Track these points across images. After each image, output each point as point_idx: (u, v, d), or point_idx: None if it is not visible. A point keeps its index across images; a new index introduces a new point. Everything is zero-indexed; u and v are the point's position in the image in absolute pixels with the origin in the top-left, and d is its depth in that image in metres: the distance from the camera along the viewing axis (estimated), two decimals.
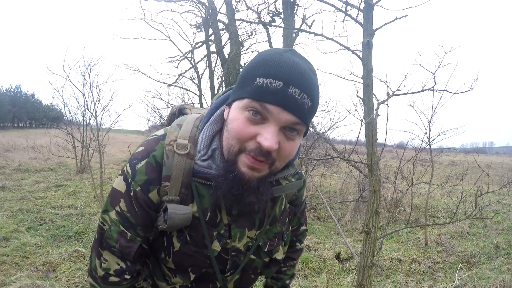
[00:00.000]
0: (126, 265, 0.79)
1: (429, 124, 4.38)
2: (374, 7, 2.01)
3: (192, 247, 0.79)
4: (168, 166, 0.75)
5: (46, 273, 3.12)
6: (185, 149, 0.75)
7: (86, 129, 7.11)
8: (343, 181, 7.67)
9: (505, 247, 4.40)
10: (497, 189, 3.55)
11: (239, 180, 0.69)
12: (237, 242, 0.82)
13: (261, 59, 0.68)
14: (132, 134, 26.65)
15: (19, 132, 29.04)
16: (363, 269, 2.12)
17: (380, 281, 3.48)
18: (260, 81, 0.65)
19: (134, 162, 0.76)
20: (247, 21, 4.97)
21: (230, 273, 0.85)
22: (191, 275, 0.82)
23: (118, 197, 0.77)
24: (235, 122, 0.68)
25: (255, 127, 0.67)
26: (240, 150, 0.69)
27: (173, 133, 0.78)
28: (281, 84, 0.64)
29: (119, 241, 0.77)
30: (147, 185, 0.75)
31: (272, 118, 0.65)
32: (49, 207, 5.31)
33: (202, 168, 0.75)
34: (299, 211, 1.01)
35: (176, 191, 0.75)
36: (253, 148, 0.67)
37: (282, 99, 0.64)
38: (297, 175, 0.87)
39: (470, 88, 2.13)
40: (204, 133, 0.78)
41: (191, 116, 0.84)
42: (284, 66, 0.65)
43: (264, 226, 0.85)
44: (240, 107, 0.68)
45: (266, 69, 0.65)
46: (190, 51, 6.96)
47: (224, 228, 0.80)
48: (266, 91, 0.64)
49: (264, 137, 0.65)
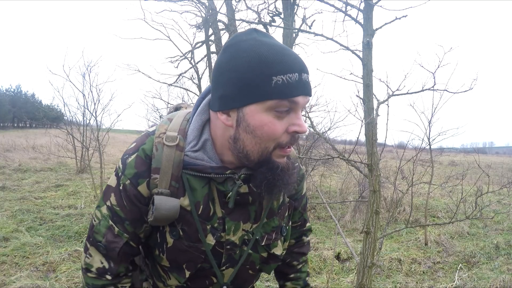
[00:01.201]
0: (109, 265, 0.79)
1: (429, 124, 4.38)
2: (374, 7, 2.01)
3: (185, 242, 0.78)
4: (157, 158, 0.74)
5: (46, 273, 3.13)
6: (174, 140, 0.75)
7: (86, 129, 7.12)
8: (343, 181, 7.67)
9: (505, 247, 4.40)
10: (497, 189, 3.55)
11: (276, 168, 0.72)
12: (232, 235, 0.80)
13: (262, 57, 0.65)
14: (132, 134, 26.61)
15: (19, 132, 29.03)
16: (363, 269, 2.12)
17: (380, 281, 3.48)
18: (279, 79, 0.65)
19: (125, 157, 0.77)
20: (247, 21, 4.97)
21: (226, 267, 0.83)
22: (186, 272, 0.81)
23: (110, 192, 0.78)
24: (266, 127, 0.68)
25: (284, 121, 0.68)
26: (275, 147, 0.70)
27: (163, 126, 0.78)
28: (297, 74, 0.66)
29: (106, 236, 0.77)
30: (136, 178, 0.75)
31: (298, 106, 0.68)
32: (49, 207, 5.31)
33: (193, 159, 0.75)
34: (301, 205, 0.99)
35: (166, 184, 0.74)
36: (288, 140, 0.70)
37: (303, 88, 0.67)
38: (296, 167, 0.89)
39: (470, 88, 2.13)
40: (193, 124, 0.77)
41: (183, 111, 0.84)
42: (288, 56, 0.67)
43: (261, 219, 0.84)
44: (264, 110, 0.66)
45: (278, 65, 0.65)
46: (190, 51, 6.95)
47: (218, 221, 0.79)
48: (290, 87, 0.65)
49: (298, 125, 0.69)
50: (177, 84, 7.58)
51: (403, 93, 2.13)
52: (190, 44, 6.95)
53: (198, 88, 7.05)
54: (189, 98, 8.47)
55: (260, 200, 0.82)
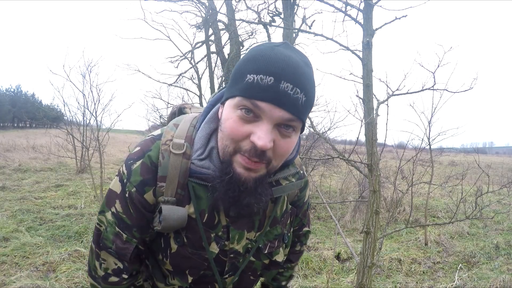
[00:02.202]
0: (123, 265, 0.79)
1: (429, 124, 4.38)
2: (374, 7, 2.01)
3: (189, 249, 0.78)
4: (163, 166, 0.73)
5: (46, 273, 3.12)
6: (181, 148, 0.73)
7: (86, 129, 7.12)
8: (343, 181, 7.67)
9: (505, 247, 4.40)
10: (497, 189, 3.54)
11: (236, 182, 0.67)
12: (236, 244, 0.80)
13: (252, 55, 0.66)
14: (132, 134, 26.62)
15: (19, 132, 29.04)
16: (363, 269, 2.12)
17: (380, 281, 3.48)
18: (250, 77, 0.62)
19: (129, 163, 0.75)
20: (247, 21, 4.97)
21: (228, 275, 0.83)
22: (188, 278, 0.81)
23: (114, 198, 0.76)
24: (228, 122, 0.66)
25: (248, 126, 0.64)
26: (235, 151, 0.67)
27: (169, 133, 0.76)
28: (272, 79, 0.61)
29: (115, 243, 0.77)
30: (142, 186, 0.73)
31: (265, 115, 0.63)
32: (49, 207, 5.31)
33: (199, 168, 0.73)
34: (301, 211, 0.99)
35: (172, 192, 0.73)
36: (248, 148, 0.65)
37: (273, 95, 0.61)
38: (297, 175, 0.85)
39: (470, 87, 2.12)
40: (200, 132, 0.76)
41: (189, 116, 0.82)
42: (275, 60, 0.62)
43: (264, 227, 0.83)
44: (232, 105, 0.66)
45: (256, 64, 0.63)
46: (190, 51, 6.96)
47: (222, 230, 0.78)
48: (257, 88, 0.62)
49: (257, 136, 0.63)
50: (177, 84, 7.59)
51: (403, 93, 2.13)
52: (190, 44, 6.95)
53: (198, 88, 7.05)
54: (189, 98, 8.46)
55: (264, 209, 0.81)
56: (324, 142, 5.44)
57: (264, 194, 0.71)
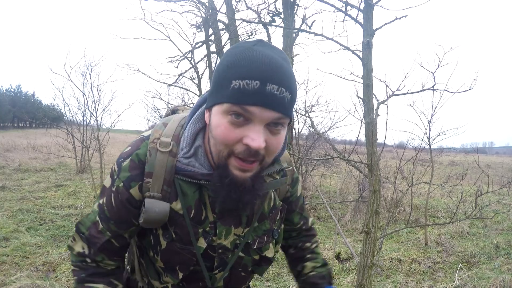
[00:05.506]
0: (89, 252, 0.82)
1: (429, 124, 4.38)
2: (374, 7, 2.01)
3: (178, 244, 0.80)
4: (150, 163, 0.76)
5: (46, 273, 3.13)
6: (168, 147, 0.77)
7: (86, 129, 7.13)
8: (343, 181, 7.67)
9: (505, 247, 4.40)
10: (497, 189, 3.55)
11: (235, 183, 0.70)
12: (224, 240, 0.82)
13: (232, 60, 0.67)
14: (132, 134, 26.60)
15: (19, 132, 29.05)
16: (363, 269, 2.12)
17: (380, 281, 3.48)
18: (236, 83, 0.64)
19: (120, 161, 0.79)
20: (247, 21, 4.98)
21: (218, 270, 0.85)
22: (179, 274, 0.83)
23: (104, 192, 0.81)
24: (219, 128, 0.68)
25: (239, 130, 0.67)
26: (229, 154, 0.69)
27: (158, 131, 0.80)
28: (258, 83, 0.63)
29: (90, 229, 0.82)
30: (129, 181, 0.77)
31: (255, 118, 0.65)
32: (49, 207, 5.31)
33: (185, 165, 0.77)
34: (298, 207, 1.01)
35: (158, 188, 0.76)
36: (242, 150, 0.67)
37: (261, 98, 0.64)
38: (282, 172, 0.88)
39: (470, 88, 2.13)
40: (187, 131, 0.79)
41: (178, 115, 0.86)
42: (258, 63, 0.64)
43: (252, 223, 0.85)
44: (221, 112, 0.67)
45: (240, 69, 0.64)
46: (190, 51, 6.95)
47: (209, 225, 0.81)
48: (245, 93, 0.64)
49: (250, 138, 0.66)
50: (177, 84, 7.59)
51: (403, 93, 2.14)
52: (190, 44, 6.95)
53: (198, 88, 7.05)
54: (189, 98, 8.47)
55: (252, 205, 0.82)
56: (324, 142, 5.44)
57: (260, 189, 0.75)
